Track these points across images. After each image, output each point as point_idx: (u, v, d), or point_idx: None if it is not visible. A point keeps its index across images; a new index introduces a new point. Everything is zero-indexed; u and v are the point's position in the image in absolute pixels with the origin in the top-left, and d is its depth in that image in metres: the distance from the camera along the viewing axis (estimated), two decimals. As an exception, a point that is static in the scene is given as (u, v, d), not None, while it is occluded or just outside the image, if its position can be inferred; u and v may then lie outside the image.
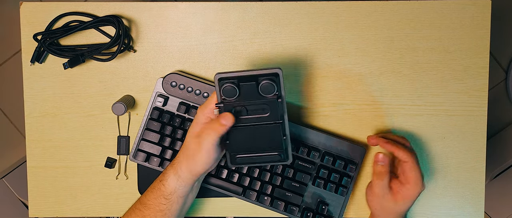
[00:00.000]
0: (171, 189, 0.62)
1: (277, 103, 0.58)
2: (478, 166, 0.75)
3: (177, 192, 0.62)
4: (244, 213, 0.76)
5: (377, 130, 0.75)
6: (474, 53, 0.74)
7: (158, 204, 0.62)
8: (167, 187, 0.62)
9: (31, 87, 0.74)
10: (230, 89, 0.57)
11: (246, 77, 0.57)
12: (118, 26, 0.70)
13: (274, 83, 0.56)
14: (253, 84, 0.57)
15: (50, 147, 0.75)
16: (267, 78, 0.57)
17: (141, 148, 0.72)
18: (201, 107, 0.61)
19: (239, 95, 0.58)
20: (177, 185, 0.62)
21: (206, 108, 0.61)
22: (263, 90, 0.57)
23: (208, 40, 0.74)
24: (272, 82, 0.56)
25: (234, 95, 0.57)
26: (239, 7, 0.73)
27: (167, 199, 0.62)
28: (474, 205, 0.76)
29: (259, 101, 0.58)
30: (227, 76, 0.57)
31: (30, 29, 0.73)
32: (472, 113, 0.75)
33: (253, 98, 0.58)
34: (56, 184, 0.76)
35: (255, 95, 0.58)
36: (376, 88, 0.74)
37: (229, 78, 0.57)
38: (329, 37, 0.74)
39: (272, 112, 0.59)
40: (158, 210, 0.62)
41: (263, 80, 0.57)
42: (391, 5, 0.73)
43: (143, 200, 0.64)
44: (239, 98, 0.58)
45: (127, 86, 0.74)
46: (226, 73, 0.57)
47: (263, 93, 0.57)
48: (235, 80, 0.57)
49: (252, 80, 0.57)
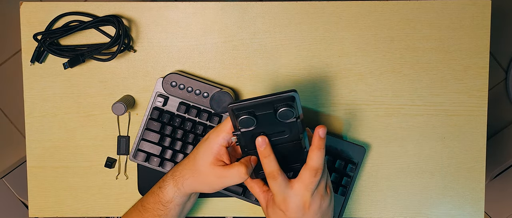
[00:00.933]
0: (169, 198, 0.63)
1: (296, 124, 0.56)
2: (478, 166, 0.75)
3: (174, 201, 0.63)
4: (244, 213, 0.76)
5: (375, 130, 0.75)
6: (474, 53, 0.74)
7: (156, 209, 0.63)
8: (166, 195, 0.63)
9: (31, 87, 0.74)
10: (247, 120, 0.54)
11: (262, 105, 0.54)
12: (118, 26, 0.70)
13: (291, 108, 0.54)
14: (271, 112, 0.54)
15: (50, 147, 0.75)
16: (284, 104, 0.54)
17: (141, 148, 0.72)
18: (215, 135, 0.60)
19: (256, 124, 0.55)
20: (175, 195, 0.63)
21: (219, 136, 0.59)
22: (281, 117, 0.54)
23: (208, 40, 0.74)
24: (290, 108, 0.54)
25: (252, 125, 0.55)
26: (239, 7, 0.73)
27: (165, 206, 0.63)
28: (474, 205, 0.76)
29: (278, 127, 0.56)
30: (242, 106, 0.54)
31: (30, 29, 0.73)
32: (472, 113, 0.75)
33: (272, 124, 0.56)
34: (56, 184, 0.76)
35: (273, 122, 0.55)
36: (376, 88, 0.74)
37: (244, 108, 0.54)
38: (329, 37, 0.74)
39: (292, 132, 0.57)
40: (156, 215, 0.63)
41: (281, 107, 0.54)
42: (391, 5, 0.73)
43: (143, 202, 0.65)
44: (257, 127, 0.56)
45: (127, 86, 0.74)
46: (240, 104, 0.54)
47: (281, 119, 0.55)
48: (251, 110, 0.54)
49: (268, 108, 0.54)
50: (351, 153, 0.72)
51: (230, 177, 0.59)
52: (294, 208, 0.58)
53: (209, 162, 0.60)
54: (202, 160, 0.60)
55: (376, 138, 0.75)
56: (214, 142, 0.59)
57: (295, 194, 0.58)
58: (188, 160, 0.63)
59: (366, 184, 0.76)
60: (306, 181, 0.57)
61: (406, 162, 0.75)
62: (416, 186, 0.75)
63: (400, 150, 0.75)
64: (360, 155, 0.72)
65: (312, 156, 0.57)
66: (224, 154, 0.60)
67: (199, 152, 0.61)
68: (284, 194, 0.58)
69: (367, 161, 0.75)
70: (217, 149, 0.59)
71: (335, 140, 0.72)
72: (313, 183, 0.57)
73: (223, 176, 0.59)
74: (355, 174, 0.72)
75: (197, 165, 0.61)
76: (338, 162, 0.71)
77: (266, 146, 0.57)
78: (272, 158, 0.57)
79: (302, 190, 0.58)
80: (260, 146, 0.57)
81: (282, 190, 0.58)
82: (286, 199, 0.58)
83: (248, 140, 0.58)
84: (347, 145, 0.72)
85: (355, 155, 0.72)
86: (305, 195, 0.58)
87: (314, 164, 0.57)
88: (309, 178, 0.57)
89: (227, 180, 0.59)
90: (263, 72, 0.74)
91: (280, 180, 0.58)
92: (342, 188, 0.71)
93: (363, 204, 0.76)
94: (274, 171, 0.57)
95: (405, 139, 0.75)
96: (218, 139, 0.59)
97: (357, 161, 0.72)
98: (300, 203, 0.58)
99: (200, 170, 0.60)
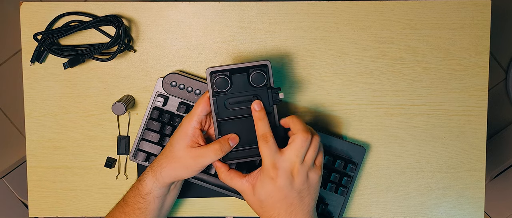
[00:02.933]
0: (148, 190, 0.64)
1: (267, 93, 0.61)
2: (478, 166, 0.75)
3: (153, 192, 0.64)
4: (244, 213, 0.76)
5: (375, 130, 0.75)
6: (474, 53, 0.74)
7: (136, 202, 0.64)
8: (145, 187, 0.64)
9: (31, 87, 0.74)
10: (222, 81, 0.60)
11: (237, 70, 0.61)
12: (118, 26, 0.70)
13: (264, 73, 0.60)
14: (244, 75, 0.61)
15: (50, 147, 0.75)
16: (257, 70, 0.60)
17: (141, 147, 0.72)
18: (188, 119, 0.63)
19: (230, 87, 0.61)
20: (154, 187, 0.64)
21: (192, 119, 0.62)
22: (253, 81, 0.61)
23: (208, 40, 0.74)
24: (262, 72, 0.60)
25: (226, 87, 0.61)
26: (239, 7, 0.73)
27: (144, 198, 0.64)
28: (474, 205, 0.76)
29: (250, 92, 0.61)
30: (219, 70, 0.61)
31: (30, 29, 0.73)
32: (472, 113, 0.75)
33: (244, 89, 0.62)
34: (56, 184, 0.76)
35: (246, 86, 0.61)
36: (376, 88, 0.74)
37: (220, 71, 0.61)
38: (329, 37, 0.74)
39: (263, 102, 0.62)
40: (136, 208, 0.64)
41: (253, 71, 0.60)
42: (391, 5, 0.73)
43: (125, 197, 0.67)
44: (231, 89, 0.61)
45: (127, 86, 0.74)
46: (218, 67, 0.61)
47: (254, 84, 0.61)
48: (227, 73, 0.61)
49: (242, 72, 0.61)
50: (351, 153, 0.72)
51: (206, 155, 0.61)
52: (283, 174, 0.59)
53: (185, 145, 0.62)
54: (178, 144, 0.62)
55: (376, 138, 0.75)
56: (188, 125, 0.62)
57: (284, 159, 0.59)
58: (164, 149, 0.65)
59: (366, 184, 0.76)
60: (297, 146, 0.59)
61: (406, 162, 0.75)
62: (416, 186, 0.75)
63: (400, 150, 0.75)
64: (360, 155, 0.72)
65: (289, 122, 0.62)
66: (199, 136, 0.63)
67: (175, 138, 0.63)
68: (273, 158, 0.59)
69: (367, 161, 0.75)
70: (192, 132, 0.62)
71: (335, 140, 0.72)
72: (303, 148, 0.59)
73: (199, 156, 0.61)
74: (355, 174, 0.72)
75: (174, 150, 0.63)
76: (338, 162, 0.71)
77: (261, 109, 0.61)
78: (266, 121, 0.61)
79: (292, 155, 0.59)
80: (255, 108, 0.61)
81: (272, 154, 0.59)
82: (275, 164, 0.59)
83: (222, 106, 0.62)
84: (347, 145, 0.72)
85: (355, 155, 0.72)
86: (294, 160, 0.59)
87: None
88: (300, 143, 0.59)
89: (203, 159, 0.61)
90: (263, 72, 0.74)
91: (271, 143, 0.60)
92: (342, 188, 0.71)
93: (363, 204, 0.76)
94: (266, 133, 0.60)
95: (405, 139, 0.75)
96: (191, 122, 0.62)
97: (357, 161, 0.72)
98: (288, 168, 0.59)
99: (177, 155, 0.62)
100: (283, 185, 0.59)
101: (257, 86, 0.61)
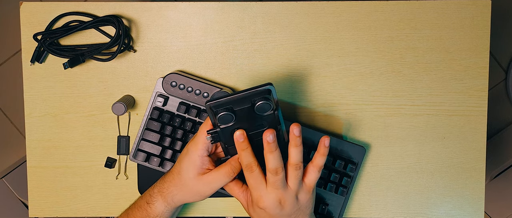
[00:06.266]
0: (158, 213, 0.63)
1: (273, 116, 0.57)
2: (478, 166, 0.75)
3: (164, 215, 0.64)
4: (244, 213, 0.76)
5: (375, 130, 0.75)
6: (474, 53, 0.74)
7: None
8: (154, 210, 0.63)
9: (31, 87, 0.74)
10: (226, 116, 0.55)
11: (240, 101, 0.55)
12: (118, 26, 0.70)
13: (268, 101, 0.55)
14: (248, 104, 0.55)
15: (50, 147, 0.75)
16: (261, 98, 0.55)
17: (141, 148, 0.72)
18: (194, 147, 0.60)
19: (235, 119, 0.56)
20: (165, 210, 0.63)
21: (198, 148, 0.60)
22: (259, 110, 0.55)
23: (208, 40, 0.74)
24: (267, 101, 0.54)
25: (231, 121, 0.56)
26: (239, 7, 0.73)
27: None
28: (474, 205, 0.76)
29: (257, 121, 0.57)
30: (220, 103, 0.54)
31: (30, 29, 0.73)
32: (472, 113, 0.75)
33: (250, 118, 0.57)
34: (56, 184, 0.76)
35: (251, 116, 0.56)
36: (376, 88, 0.74)
37: (221, 105, 0.55)
38: (329, 37, 0.74)
39: (270, 125, 0.58)
40: None
41: (258, 101, 0.55)
42: (391, 5, 0.73)
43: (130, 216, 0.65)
44: (236, 121, 0.56)
45: (127, 86, 0.75)
46: (218, 100, 0.54)
47: (259, 113, 0.56)
48: (230, 106, 0.55)
49: (246, 102, 0.55)
50: (351, 153, 0.72)
51: (218, 180, 0.60)
52: (271, 205, 0.59)
53: (195, 174, 0.60)
54: (188, 174, 0.61)
55: (376, 138, 0.75)
56: (194, 155, 0.60)
57: (269, 192, 0.58)
58: (172, 176, 0.63)
59: (366, 184, 0.76)
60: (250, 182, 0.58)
61: (406, 162, 0.75)
62: (416, 186, 0.75)
63: (400, 150, 0.75)
64: (360, 155, 0.72)
65: (290, 152, 0.58)
66: (208, 162, 0.61)
67: (182, 167, 0.61)
68: (259, 190, 0.58)
69: (367, 161, 0.75)
70: (200, 161, 0.60)
71: (335, 140, 0.72)
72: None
73: (211, 182, 0.60)
74: (355, 174, 0.72)
75: (183, 179, 0.61)
76: (338, 162, 0.71)
77: (244, 139, 0.57)
78: (249, 150, 0.58)
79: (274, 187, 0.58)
80: (237, 139, 0.57)
81: (258, 185, 0.58)
82: (262, 197, 0.59)
83: (228, 136, 0.58)
84: (347, 145, 0.72)
85: (355, 155, 0.72)
86: (278, 191, 0.58)
87: (292, 161, 0.58)
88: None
89: (216, 184, 0.60)
90: (263, 72, 0.74)
91: (256, 173, 0.58)
92: (342, 188, 0.71)
93: (363, 204, 0.76)
94: (250, 163, 0.58)
95: (405, 139, 0.75)
96: (197, 150, 0.60)
97: (357, 161, 0.72)
98: (275, 199, 0.59)
99: (188, 184, 0.61)
100: (274, 213, 0.59)
101: (263, 115, 0.56)
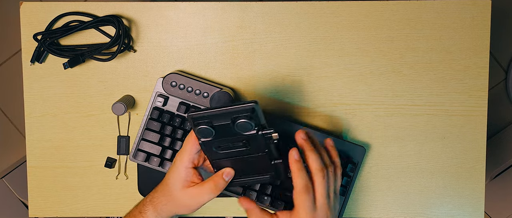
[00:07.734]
0: None
1: (257, 136, 0.54)
2: (478, 166, 0.75)
3: None
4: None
5: (375, 130, 0.75)
6: (474, 53, 0.74)
7: None
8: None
9: (31, 87, 0.74)
10: (205, 130, 0.53)
11: (220, 116, 0.52)
12: (118, 26, 0.70)
13: (250, 120, 0.51)
14: (228, 124, 0.52)
15: (50, 147, 0.75)
16: (243, 116, 0.51)
17: (141, 148, 0.72)
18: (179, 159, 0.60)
19: (215, 134, 0.54)
20: None
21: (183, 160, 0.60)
22: (239, 129, 0.53)
23: (208, 40, 0.74)
24: (248, 120, 0.51)
25: (210, 135, 0.54)
26: (239, 7, 0.73)
27: None
28: (474, 205, 0.76)
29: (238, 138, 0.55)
30: (200, 116, 0.53)
31: (30, 29, 0.73)
32: (472, 113, 0.75)
33: (231, 135, 0.54)
34: (56, 184, 0.76)
35: (232, 133, 0.54)
36: (376, 88, 0.74)
37: (202, 118, 0.53)
38: (329, 37, 0.74)
39: (254, 145, 0.56)
40: None
41: (239, 119, 0.52)
42: (391, 5, 0.73)
43: None
44: (216, 136, 0.54)
45: (127, 86, 0.75)
46: (198, 113, 0.52)
47: (240, 131, 0.53)
48: (209, 120, 0.53)
49: (226, 119, 0.52)
50: (351, 153, 0.72)
51: (203, 195, 0.60)
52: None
53: (180, 186, 0.61)
54: (174, 186, 0.61)
55: (376, 138, 0.75)
56: (180, 167, 0.60)
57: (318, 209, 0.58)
58: (162, 186, 0.63)
59: (366, 184, 0.76)
60: (306, 204, 0.57)
61: (406, 162, 0.75)
62: (416, 186, 0.75)
63: (400, 150, 0.75)
64: (360, 155, 0.72)
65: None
66: (193, 175, 0.61)
67: (169, 179, 0.62)
68: (312, 212, 0.57)
69: (367, 161, 0.75)
70: (185, 173, 0.60)
71: (335, 140, 0.72)
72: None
73: (196, 196, 0.60)
74: (355, 174, 0.72)
75: (170, 191, 0.62)
76: (338, 162, 0.71)
77: (299, 160, 0.58)
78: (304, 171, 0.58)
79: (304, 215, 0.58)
80: (294, 158, 0.58)
81: (311, 206, 0.57)
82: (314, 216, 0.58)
83: (210, 149, 0.57)
84: (347, 145, 0.72)
85: (355, 155, 0.72)
86: (323, 206, 0.58)
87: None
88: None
89: (201, 199, 0.60)
90: (263, 72, 0.74)
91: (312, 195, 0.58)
92: (342, 188, 0.71)
93: (363, 204, 0.76)
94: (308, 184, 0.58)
95: (405, 139, 0.75)
96: (183, 163, 0.60)
97: (357, 161, 0.72)
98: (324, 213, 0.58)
99: (175, 196, 0.61)
100: None
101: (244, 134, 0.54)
